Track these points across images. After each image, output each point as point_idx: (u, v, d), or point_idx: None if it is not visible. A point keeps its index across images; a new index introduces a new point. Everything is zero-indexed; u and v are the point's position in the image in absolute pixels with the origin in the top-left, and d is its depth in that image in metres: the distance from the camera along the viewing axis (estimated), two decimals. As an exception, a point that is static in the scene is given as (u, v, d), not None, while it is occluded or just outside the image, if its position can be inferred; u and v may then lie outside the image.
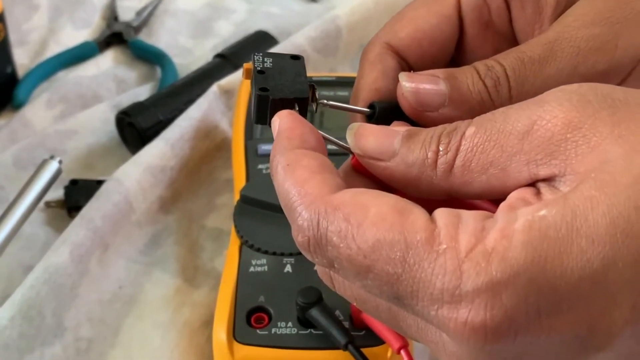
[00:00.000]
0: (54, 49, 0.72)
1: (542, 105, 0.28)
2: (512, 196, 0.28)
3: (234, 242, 0.48)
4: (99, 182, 0.56)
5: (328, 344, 0.42)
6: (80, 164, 0.61)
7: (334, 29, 0.67)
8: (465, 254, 0.26)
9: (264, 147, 0.54)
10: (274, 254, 0.47)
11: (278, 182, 0.31)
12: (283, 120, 0.32)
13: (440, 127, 0.30)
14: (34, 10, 0.76)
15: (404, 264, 0.27)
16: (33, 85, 0.69)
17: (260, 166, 0.53)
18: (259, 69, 0.34)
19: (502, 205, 0.28)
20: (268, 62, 0.35)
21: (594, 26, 0.34)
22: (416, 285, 0.27)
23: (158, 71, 0.70)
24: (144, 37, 0.74)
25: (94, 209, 0.52)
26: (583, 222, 0.26)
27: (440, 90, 0.34)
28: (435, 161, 0.30)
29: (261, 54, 0.35)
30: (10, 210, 0.52)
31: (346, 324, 0.42)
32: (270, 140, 0.54)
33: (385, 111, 0.35)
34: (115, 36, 0.74)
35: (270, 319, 0.44)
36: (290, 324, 0.43)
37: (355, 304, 0.32)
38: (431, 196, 0.30)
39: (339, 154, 0.47)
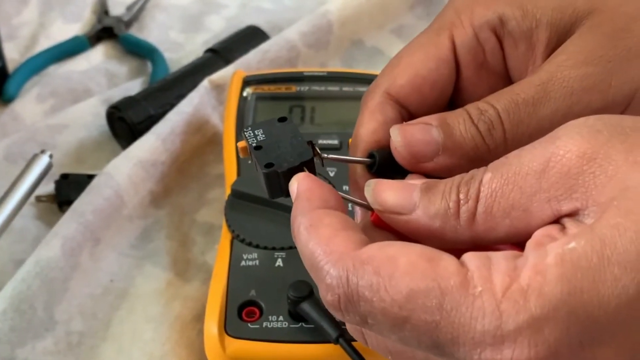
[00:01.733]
0: (44, 44, 0.72)
1: (553, 142, 0.28)
2: (538, 234, 0.28)
3: (225, 237, 0.48)
4: (90, 177, 0.56)
5: (319, 337, 0.42)
6: (71, 159, 0.61)
7: (325, 24, 0.67)
8: (501, 293, 0.26)
9: (255, 142, 0.54)
10: (265, 248, 0.47)
11: (301, 243, 0.30)
12: (301, 183, 0.33)
13: (457, 177, 0.30)
14: (24, 5, 0.76)
15: (441, 310, 0.27)
16: (23, 79, 0.68)
17: (251, 161, 0.53)
18: (254, 145, 0.34)
19: (529, 243, 0.28)
20: (260, 135, 0.35)
21: (586, 65, 0.34)
22: (456, 331, 0.26)
23: (149, 66, 0.70)
24: (134, 31, 0.74)
25: (85, 203, 0.52)
26: (613, 249, 0.26)
27: (432, 139, 0.34)
28: (458, 211, 0.30)
29: (250, 127, 0.35)
30: (1, 204, 0.52)
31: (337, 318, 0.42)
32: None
33: (385, 159, 0.35)
34: (106, 31, 0.73)
35: (261, 312, 0.44)
36: (281, 317, 0.43)
37: (390, 358, 0.31)
38: (456, 246, 0.30)
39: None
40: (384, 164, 0.35)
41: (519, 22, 0.37)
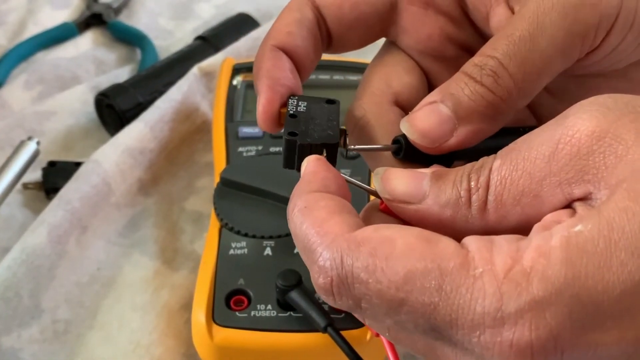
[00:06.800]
0: (32, 30, 0.72)
1: (562, 123, 0.28)
2: (547, 218, 0.27)
3: (213, 225, 0.48)
4: (78, 164, 0.55)
5: (307, 326, 0.42)
6: (59, 146, 0.61)
7: (315, 13, 0.66)
8: (503, 275, 0.25)
9: (244, 130, 0.54)
10: (254, 236, 0.47)
11: (295, 225, 0.29)
12: (308, 165, 0.32)
13: (468, 165, 0.30)
14: (12, -10, 0.75)
15: (440, 292, 0.26)
16: (11, 66, 0.68)
17: (240, 149, 0.53)
18: (291, 112, 0.34)
19: (536, 226, 0.27)
20: (302, 106, 0.34)
21: None
22: (455, 313, 0.26)
23: (138, 53, 0.70)
24: (124, 18, 0.74)
25: (72, 191, 0.52)
26: (620, 234, 0.25)
27: (444, 116, 0.32)
28: (469, 199, 0.29)
29: (296, 98, 0.34)
30: (-12, 191, 0.51)
31: (326, 307, 0.42)
32: (251, 123, 0.54)
33: (412, 145, 0.33)
34: (95, 17, 0.73)
35: (249, 301, 0.44)
36: (269, 306, 0.43)
37: (387, 336, 0.30)
38: (466, 236, 0.29)
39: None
40: (412, 149, 0.33)
41: None
